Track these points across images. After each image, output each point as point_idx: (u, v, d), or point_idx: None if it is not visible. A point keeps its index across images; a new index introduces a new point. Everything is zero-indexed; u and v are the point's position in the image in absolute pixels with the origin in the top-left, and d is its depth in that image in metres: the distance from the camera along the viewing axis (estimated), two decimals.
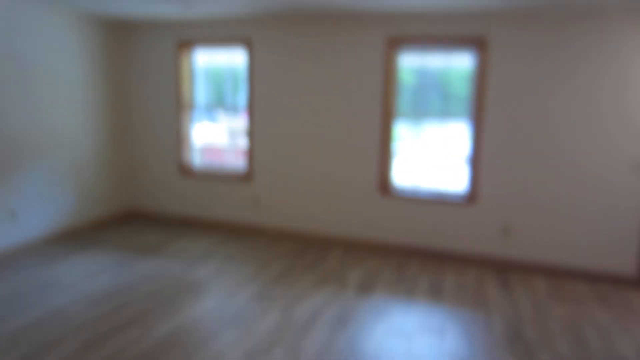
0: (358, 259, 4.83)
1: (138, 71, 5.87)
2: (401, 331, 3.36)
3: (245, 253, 4.91)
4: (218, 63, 5.77)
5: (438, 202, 4.88)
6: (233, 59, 5.59)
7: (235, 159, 5.87)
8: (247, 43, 5.29)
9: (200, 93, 5.84)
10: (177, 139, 5.80)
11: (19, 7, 4.47)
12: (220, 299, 3.79)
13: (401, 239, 5.05)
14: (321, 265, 4.63)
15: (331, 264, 4.68)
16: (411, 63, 4.96)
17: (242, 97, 5.61)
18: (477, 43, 4.55)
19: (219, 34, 5.39)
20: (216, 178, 5.72)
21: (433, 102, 4.91)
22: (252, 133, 5.46)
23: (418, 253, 5.00)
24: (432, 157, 5.06)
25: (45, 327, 3.26)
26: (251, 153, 5.51)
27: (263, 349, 3.06)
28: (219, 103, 5.83)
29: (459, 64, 4.83)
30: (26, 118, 4.68)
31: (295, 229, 5.45)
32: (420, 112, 4.96)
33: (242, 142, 5.70)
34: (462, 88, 4.79)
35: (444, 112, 4.88)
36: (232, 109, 5.76)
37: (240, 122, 5.71)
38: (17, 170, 4.65)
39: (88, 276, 4.17)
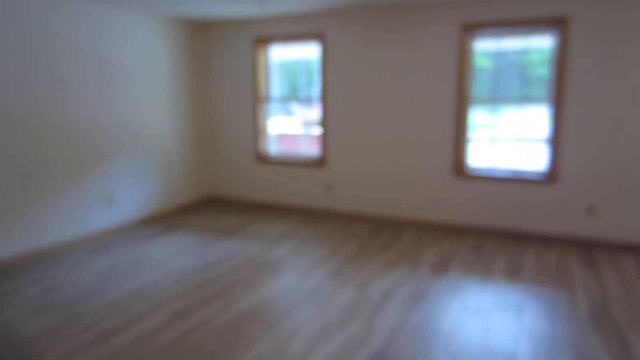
0: (432, 240, 4.78)
1: (218, 67, 6.16)
2: (477, 309, 3.29)
3: (320, 235, 5.02)
4: (293, 57, 5.92)
5: (516, 182, 4.69)
6: (307, 53, 5.70)
7: (309, 147, 6.00)
8: (320, 37, 5.37)
9: (276, 86, 6.02)
10: (254, 129, 6.03)
11: (117, 17, 4.86)
12: (297, 276, 3.92)
13: (477, 220, 4.92)
14: (395, 245, 4.64)
15: (405, 244, 4.67)
16: (488, 47, 4.78)
17: (315, 89, 5.71)
18: (557, 23, 4.29)
19: (293, 29, 5.52)
20: (291, 165, 5.88)
21: (511, 85, 4.71)
22: (325, 122, 5.55)
23: (495, 234, 4.84)
24: (509, 139, 4.86)
25: (139, 299, 3.56)
26: (324, 141, 5.60)
27: (338, 324, 3.13)
28: (294, 95, 6.00)
29: (539, 45, 4.58)
30: (120, 113, 5.10)
31: (369, 212, 5.49)
32: (498, 96, 4.78)
33: (316, 131, 5.81)
34: (542, 70, 4.54)
35: (523, 95, 4.66)
36: (306, 101, 5.90)
37: (314, 112, 5.83)
38: (114, 160, 5.09)
39: (175, 255, 4.48)
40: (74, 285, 3.83)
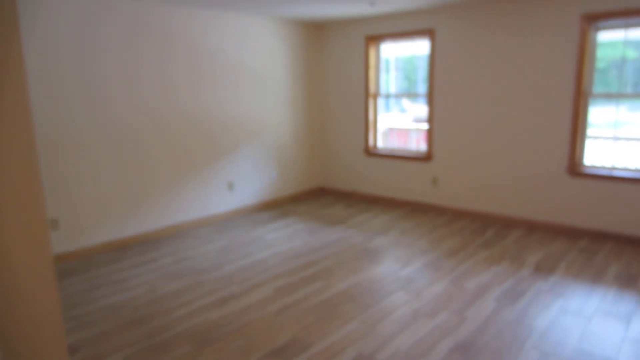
0: (540, 241, 4.59)
1: (331, 65, 6.51)
2: (580, 313, 3.16)
3: (422, 229, 5.11)
4: (408, 53, 6.04)
5: (635, 182, 4.31)
6: (419, 49, 5.79)
7: (418, 143, 6.09)
8: (430, 33, 5.42)
9: (391, 82, 6.20)
10: (365, 124, 6.27)
11: (230, 19, 5.44)
12: (395, 265, 4.08)
13: (592, 222, 4.61)
14: (498, 244, 4.55)
15: (509, 243, 4.56)
16: (616, 37, 4.44)
17: (425, 85, 5.77)
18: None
19: (403, 26, 5.64)
20: (398, 159, 6.02)
21: None
22: (432, 117, 5.59)
23: (612, 238, 4.50)
24: (635, 137, 4.47)
25: (251, 274, 4.01)
26: (431, 135, 5.64)
27: (430, 312, 3.24)
28: (405, 91, 6.12)
29: None
30: (240, 108, 5.69)
31: (475, 209, 5.42)
32: (623, 91, 4.42)
33: (425, 126, 5.87)
34: None
35: None
36: (416, 96, 5.99)
37: (425, 108, 5.90)
38: (234, 150, 5.69)
39: (284, 238, 4.90)
40: (200, 258, 4.43)
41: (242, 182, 5.85)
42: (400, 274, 3.89)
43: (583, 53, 4.43)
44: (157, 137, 4.95)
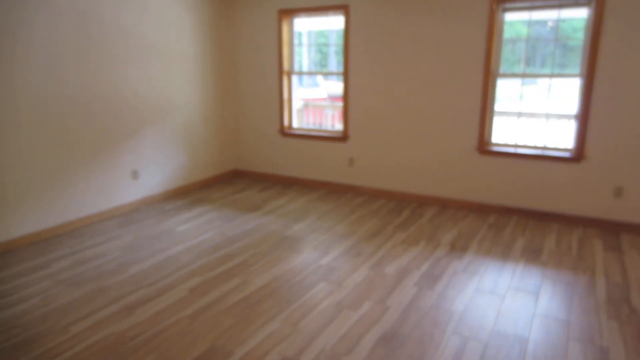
0: (453, 219, 4.74)
1: (242, 39, 6.13)
2: (494, 291, 3.28)
3: (341, 211, 5.05)
4: (318, 29, 5.83)
5: (542, 159, 4.56)
6: (333, 25, 5.60)
7: (333, 120, 5.99)
8: (344, 9, 5.25)
9: (301, 58, 5.97)
10: (279, 102, 6.02)
11: None
12: (315, 254, 3.98)
13: (500, 198, 4.84)
14: (414, 224, 4.62)
15: (425, 223, 4.65)
16: (522, 16, 4.58)
17: (340, 62, 5.63)
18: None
19: (317, 0, 5.42)
20: (314, 139, 5.88)
21: (547, 55, 4.52)
22: (347, 96, 5.49)
23: (518, 213, 4.76)
24: (538, 114, 4.71)
25: (161, 273, 3.69)
26: (346, 115, 5.55)
27: (353, 303, 3.18)
28: (319, 67, 5.94)
29: (576, 14, 4.35)
30: (142, 87, 5.17)
31: (391, 188, 5.46)
32: (528, 71, 4.60)
33: (340, 103, 5.76)
34: (579, 39, 4.33)
35: (560, 66, 4.47)
36: (330, 73, 5.83)
37: (338, 85, 5.77)
38: (138, 134, 5.20)
39: (197, 229, 4.60)
40: (101, 258, 4.00)
41: (148, 169, 5.38)
42: (321, 263, 3.79)
43: (491, 34, 4.53)
44: (44, 122, 4.34)
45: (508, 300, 3.16)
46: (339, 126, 5.80)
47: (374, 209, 5.11)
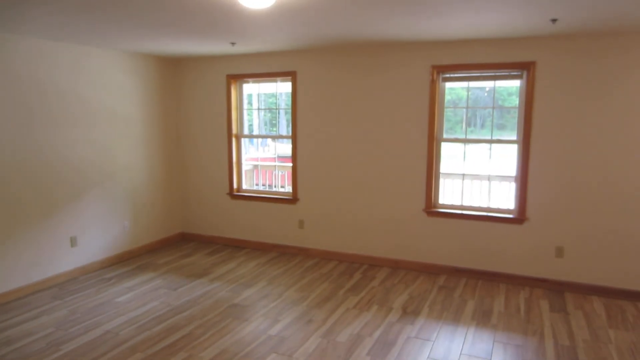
0: (404, 281, 4.73)
1: (190, 103, 6.12)
2: (446, 358, 3.23)
3: (291, 275, 4.93)
4: (266, 93, 5.94)
5: (486, 220, 4.70)
6: (281, 89, 5.73)
7: (283, 180, 5.98)
8: (292, 75, 5.40)
9: (250, 122, 6.01)
10: (228, 165, 5.97)
11: (80, 52, 4.81)
12: (265, 323, 3.82)
13: (449, 259, 4.90)
14: (366, 287, 4.57)
15: (376, 286, 4.61)
16: (460, 84, 4.87)
17: (283, 124, 5.72)
18: (524, 67, 4.38)
19: (265, 67, 5.54)
20: (264, 201, 5.82)
21: (488, 117, 4.79)
22: (295, 158, 5.53)
23: (467, 273, 4.82)
24: (481, 175, 4.91)
25: (98, 352, 3.40)
26: (295, 177, 5.57)
27: None
28: (270, 127, 5.99)
29: (509, 83, 4.69)
30: (83, 151, 4.99)
31: (341, 250, 5.43)
32: (474, 128, 4.84)
33: (288, 165, 5.78)
34: (517, 102, 4.63)
35: (499, 127, 4.73)
36: (279, 136, 5.90)
37: (287, 147, 5.82)
38: (77, 200, 4.95)
39: (139, 299, 4.33)
40: (30, 336, 3.66)
41: (87, 235, 5.10)
42: (271, 333, 3.64)
43: (434, 101, 4.76)
44: None
45: None
46: (289, 187, 5.79)
47: (325, 272, 5.03)
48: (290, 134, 5.55)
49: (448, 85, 4.83)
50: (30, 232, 4.52)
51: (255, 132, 6.08)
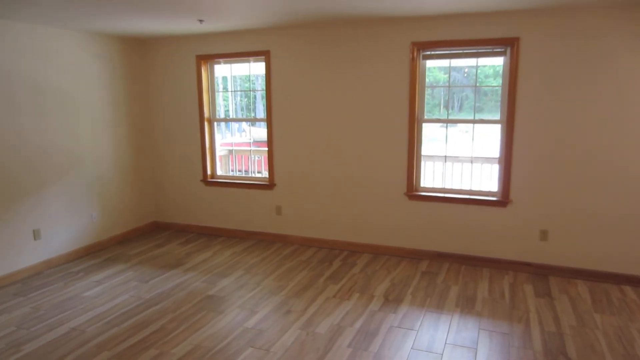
0: (386, 267, 4.59)
1: (159, 85, 5.82)
2: (430, 348, 3.10)
3: (269, 263, 4.75)
4: (244, 74, 5.67)
5: (469, 204, 4.58)
6: (257, 71, 5.47)
7: (259, 166, 5.76)
8: (265, 55, 5.14)
9: (226, 106, 5.74)
10: (201, 150, 5.71)
11: (36, 32, 4.46)
12: (241, 315, 3.64)
13: (431, 244, 4.78)
14: (346, 274, 4.42)
15: (357, 273, 4.46)
16: (441, 63, 4.69)
17: (260, 107, 5.47)
18: (507, 44, 4.22)
19: (236, 46, 5.26)
20: (240, 187, 5.59)
21: (466, 100, 4.64)
22: (271, 142, 5.31)
23: (450, 258, 4.71)
24: (463, 157, 4.77)
25: (62, 350, 3.18)
26: (271, 162, 5.35)
27: None
28: (246, 112, 5.74)
29: (491, 61, 4.52)
30: (46, 139, 4.68)
31: (321, 237, 5.26)
32: (452, 111, 4.69)
33: (265, 148, 5.54)
34: (496, 84, 4.48)
35: (478, 110, 4.58)
36: (254, 119, 5.65)
37: (263, 131, 5.59)
38: (40, 190, 4.65)
39: (108, 293, 4.10)
40: None
41: (52, 227, 4.81)
42: (248, 325, 3.46)
43: (414, 80, 4.58)
44: None
45: (446, 358, 2.99)
46: (266, 173, 5.57)
47: (304, 259, 4.87)
48: (264, 117, 5.32)
49: (428, 64, 4.66)
50: None
51: (232, 116, 5.83)
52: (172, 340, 3.28)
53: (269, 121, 5.27)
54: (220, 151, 5.88)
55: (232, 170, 6.07)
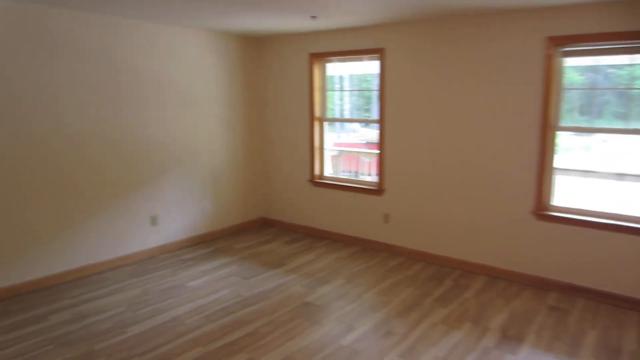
0: (504, 295, 4.02)
1: (273, 83, 5.82)
2: None
3: (372, 274, 4.45)
4: (355, 71, 5.45)
5: (615, 230, 3.81)
6: (368, 69, 5.21)
7: (370, 168, 5.49)
8: (380, 53, 4.84)
9: (335, 103, 5.57)
10: (310, 149, 5.60)
11: (157, 30, 4.67)
12: (338, 329, 3.39)
13: (563, 274, 4.09)
14: (458, 298, 3.94)
15: (470, 298, 3.96)
16: (581, 62, 3.99)
17: (376, 108, 5.18)
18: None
19: (349, 44, 5.03)
20: (348, 190, 5.36)
21: (610, 106, 3.89)
22: (382, 145, 4.99)
23: (585, 293, 3.98)
24: (608, 172, 4.00)
25: (160, 339, 3.21)
26: (382, 166, 5.03)
27: None
28: (362, 112, 5.51)
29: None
30: (166, 131, 4.89)
31: (431, 251, 4.82)
32: (590, 117, 3.96)
33: (376, 151, 5.24)
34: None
35: (622, 116, 3.81)
36: (366, 120, 5.39)
37: (374, 132, 5.30)
38: (159, 179, 4.88)
39: (211, 286, 4.13)
40: (101, 314, 3.61)
41: (168, 215, 5.02)
42: (343, 342, 3.20)
43: (549, 81, 3.94)
44: (63, 163, 4.08)
45: None
46: (375, 176, 5.26)
47: (411, 274, 4.47)
48: (376, 117, 5.01)
49: (566, 63, 3.96)
50: (115, 208, 4.51)
51: (346, 117, 5.62)
52: (264, 346, 3.14)
53: (382, 122, 4.95)
54: (330, 152, 5.71)
55: (343, 172, 5.87)
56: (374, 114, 5.25)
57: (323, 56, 5.31)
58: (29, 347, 3.12)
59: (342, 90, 5.59)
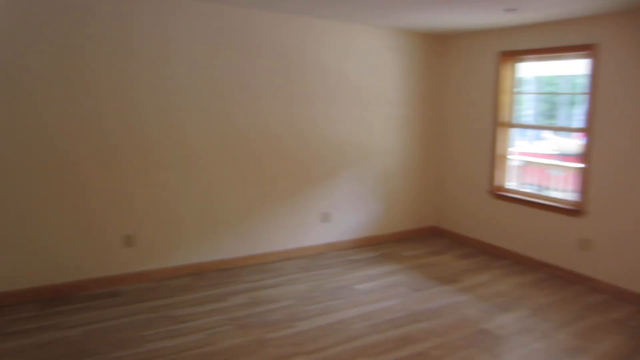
0: None
1: (453, 84, 5.42)
2: None
3: (565, 309, 3.79)
4: (549, 74, 4.76)
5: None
6: (562, 70, 4.49)
7: (562, 186, 4.73)
8: (590, 49, 4.09)
9: (525, 108, 4.94)
10: (491, 157, 5.07)
11: (345, 29, 4.65)
12: None
13: None
14: None
15: None
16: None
17: (577, 115, 4.43)
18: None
19: (551, 40, 4.37)
20: (534, 207, 4.71)
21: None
22: (588, 157, 4.23)
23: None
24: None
25: (327, 339, 3.15)
26: (586, 182, 4.27)
27: None
28: (546, 119, 4.82)
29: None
30: (340, 130, 4.88)
31: None
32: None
33: (574, 165, 4.49)
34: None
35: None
36: (563, 128, 4.66)
37: (573, 143, 4.55)
38: (332, 178, 4.90)
39: (379, 292, 3.98)
40: (274, 303, 3.74)
41: (339, 213, 5.03)
42: None
43: None
44: (239, 158, 4.36)
45: None
46: (571, 193, 4.51)
47: (617, 317, 3.69)
48: (582, 125, 4.25)
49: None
50: (286, 203, 4.67)
51: (531, 123, 4.95)
52: None
53: (589, 131, 4.19)
54: (513, 161, 5.08)
55: (527, 184, 5.19)
56: (563, 121, 4.50)
57: (516, 54, 4.74)
58: (211, 324, 3.34)
59: (532, 93, 4.91)
